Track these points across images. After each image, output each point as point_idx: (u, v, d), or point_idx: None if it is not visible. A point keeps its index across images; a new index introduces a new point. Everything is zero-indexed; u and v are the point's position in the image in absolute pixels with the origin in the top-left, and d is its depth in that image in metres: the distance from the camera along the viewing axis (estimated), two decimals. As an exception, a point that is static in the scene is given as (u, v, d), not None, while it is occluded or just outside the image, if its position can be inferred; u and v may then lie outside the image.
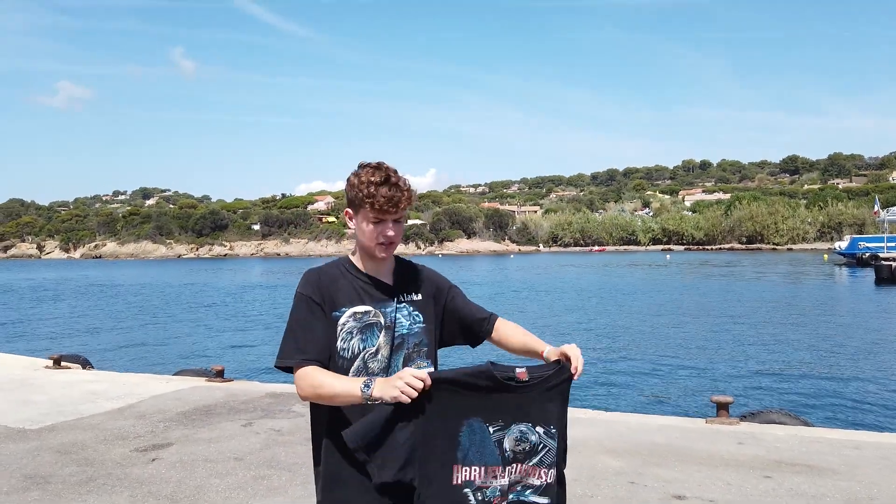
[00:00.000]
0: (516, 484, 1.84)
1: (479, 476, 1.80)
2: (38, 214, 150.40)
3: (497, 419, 1.82)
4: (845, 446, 5.19)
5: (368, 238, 2.00)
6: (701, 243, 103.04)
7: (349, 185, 2.02)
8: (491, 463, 1.81)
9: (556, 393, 1.90)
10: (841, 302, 27.87)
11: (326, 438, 1.97)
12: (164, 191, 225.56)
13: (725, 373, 13.61)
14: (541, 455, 1.86)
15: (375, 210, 1.95)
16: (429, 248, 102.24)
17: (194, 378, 8.44)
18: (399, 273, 2.12)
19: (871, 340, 17.39)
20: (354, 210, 2.03)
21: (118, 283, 49.02)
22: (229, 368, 8.91)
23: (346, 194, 2.06)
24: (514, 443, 1.83)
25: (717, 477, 4.56)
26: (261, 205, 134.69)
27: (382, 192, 1.94)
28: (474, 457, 1.80)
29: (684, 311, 25.01)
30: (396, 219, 2.01)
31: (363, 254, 2.07)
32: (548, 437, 1.87)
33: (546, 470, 1.87)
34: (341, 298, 1.99)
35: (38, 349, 15.72)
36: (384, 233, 1.99)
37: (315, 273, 2.04)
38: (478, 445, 1.81)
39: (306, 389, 1.89)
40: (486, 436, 1.81)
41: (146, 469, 4.91)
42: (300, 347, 1.93)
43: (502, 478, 1.82)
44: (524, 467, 1.85)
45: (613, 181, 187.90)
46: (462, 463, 1.80)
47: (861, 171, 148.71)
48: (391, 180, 1.96)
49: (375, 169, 1.99)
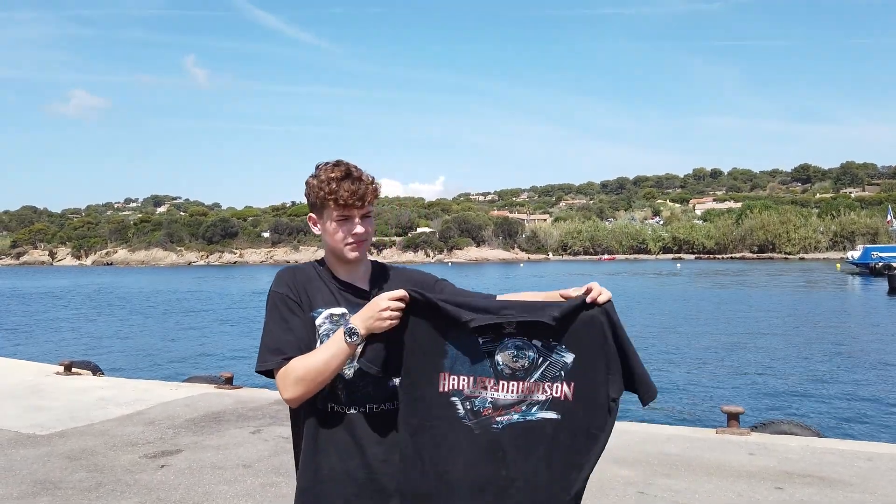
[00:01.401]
0: (521, 403, 1.73)
1: (468, 385, 1.74)
2: (50, 221, 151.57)
3: (487, 332, 1.73)
4: (858, 458, 5.14)
5: (336, 239, 1.89)
6: (712, 252, 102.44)
7: (308, 187, 1.91)
8: (480, 374, 1.74)
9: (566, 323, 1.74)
10: (853, 312, 27.63)
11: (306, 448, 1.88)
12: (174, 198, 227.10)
13: (736, 383, 13.50)
14: (542, 369, 1.73)
15: (340, 206, 1.85)
16: (438, 257, 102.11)
17: (204, 385, 8.46)
18: (375, 277, 2.00)
19: (884, 351, 17.21)
20: (318, 212, 1.92)
21: (129, 290, 49.28)
22: (238, 375, 8.93)
23: (306, 198, 1.94)
24: (510, 358, 1.73)
25: (727, 488, 4.51)
26: (271, 212, 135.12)
27: (345, 187, 1.84)
28: (462, 367, 1.75)
29: (694, 320, 24.87)
30: (364, 214, 1.89)
31: (334, 259, 1.96)
32: (548, 351, 1.73)
33: (550, 384, 1.73)
34: (318, 299, 1.89)
35: (49, 355, 15.80)
36: (352, 231, 1.88)
37: (290, 271, 1.95)
38: (466, 354, 1.75)
39: (291, 387, 1.77)
40: (474, 345, 1.74)
41: (155, 475, 4.92)
42: (279, 348, 1.82)
43: (494, 390, 1.73)
44: (525, 384, 1.73)
45: (624, 189, 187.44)
46: (450, 371, 1.75)
47: (874, 180, 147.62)
48: (353, 174, 1.87)
49: (334, 166, 1.89)
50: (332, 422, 1.86)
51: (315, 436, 1.86)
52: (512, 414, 1.73)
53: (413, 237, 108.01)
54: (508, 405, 1.73)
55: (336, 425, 1.86)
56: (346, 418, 1.86)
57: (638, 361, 1.78)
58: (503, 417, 1.73)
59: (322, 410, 1.86)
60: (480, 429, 1.73)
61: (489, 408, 1.73)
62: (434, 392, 1.76)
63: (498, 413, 1.73)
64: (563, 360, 1.74)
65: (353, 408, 1.86)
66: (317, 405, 1.86)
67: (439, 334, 1.77)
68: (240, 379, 8.81)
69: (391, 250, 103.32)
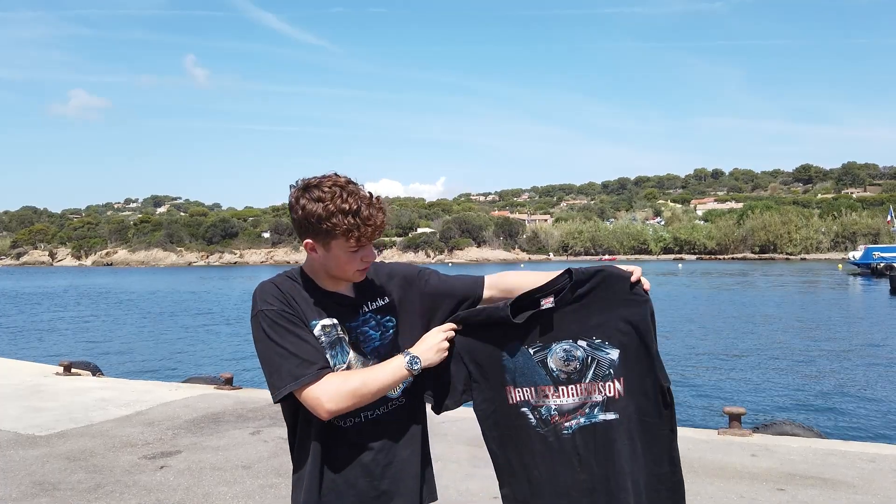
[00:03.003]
0: (583, 406, 1.78)
1: (532, 396, 1.81)
2: (50, 222, 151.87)
3: (535, 340, 1.81)
4: (860, 459, 5.11)
5: (345, 269, 1.79)
6: (713, 253, 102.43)
7: (306, 213, 1.71)
8: (540, 383, 1.80)
9: (598, 301, 1.79)
10: (855, 312, 27.59)
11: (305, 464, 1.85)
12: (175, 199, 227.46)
13: (738, 383, 13.47)
14: (593, 369, 1.77)
15: (360, 241, 1.73)
16: (438, 257, 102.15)
17: (203, 385, 8.44)
18: (360, 283, 1.89)
19: (886, 352, 17.18)
20: (322, 241, 1.75)
21: (129, 291, 49.29)
22: (238, 376, 8.92)
23: (301, 223, 1.74)
24: (561, 363, 1.79)
25: (729, 489, 4.49)
26: (271, 213, 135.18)
27: (365, 221, 1.70)
28: (521, 378, 1.82)
29: (696, 320, 24.84)
30: None
31: (324, 275, 1.85)
32: (594, 350, 1.77)
33: (602, 383, 1.77)
34: (308, 312, 1.79)
35: (49, 356, 15.80)
36: (365, 258, 1.80)
37: (271, 286, 1.81)
38: (522, 367, 1.82)
39: (342, 399, 1.69)
40: (527, 357, 1.82)
41: (154, 476, 4.90)
42: (307, 360, 1.71)
43: (556, 397, 1.79)
44: (583, 386, 1.78)
45: (625, 190, 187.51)
46: (513, 384, 1.83)
47: (875, 181, 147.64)
48: (364, 202, 1.72)
49: (340, 189, 1.70)
50: (331, 433, 1.83)
51: (314, 449, 1.82)
52: (578, 418, 1.79)
53: (413, 237, 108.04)
54: (573, 409, 1.79)
55: (334, 436, 1.83)
56: (344, 428, 1.84)
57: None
58: (570, 422, 1.80)
59: (318, 423, 1.80)
60: (553, 436, 1.80)
61: (555, 415, 1.80)
62: (505, 405, 1.85)
63: (565, 419, 1.80)
64: (609, 357, 1.78)
65: (350, 418, 1.83)
66: (312, 419, 1.80)
67: (495, 350, 1.85)
68: (239, 380, 8.79)
69: (392, 251, 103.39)
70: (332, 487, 1.82)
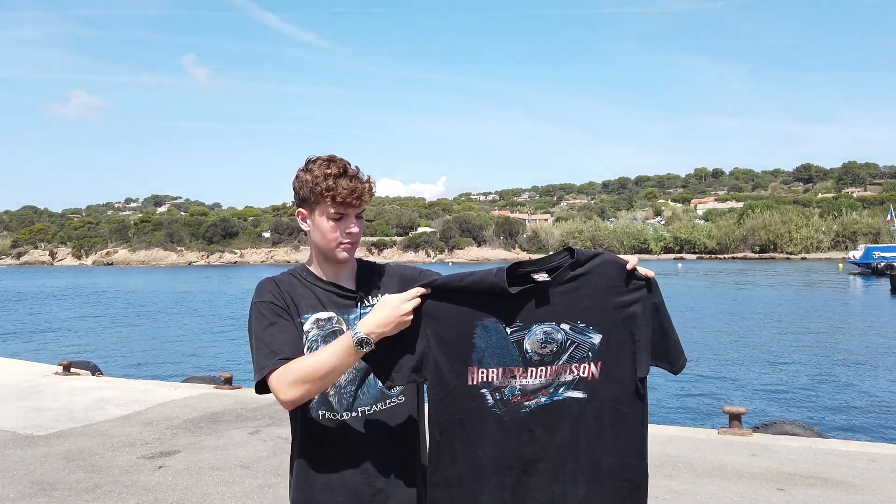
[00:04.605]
0: (549, 386, 1.72)
1: (497, 377, 1.71)
2: (50, 221, 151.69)
3: (515, 319, 1.70)
4: (860, 458, 5.10)
5: (328, 238, 1.83)
6: (713, 252, 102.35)
7: (300, 181, 1.84)
8: (509, 363, 1.71)
9: (591, 285, 1.72)
10: (855, 312, 27.59)
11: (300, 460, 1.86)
12: (175, 198, 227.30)
13: (738, 383, 13.47)
14: (570, 351, 1.71)
15: (337, 204, 1.79)
16: (439, 256, 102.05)
17: (202, 385, 8.44)
18: (362, 276, 1.94)
19: (886, 351, 17.17)
20: (309, 209, 1.85)
21: (129, 290, 49.28)
22: (237, 376, 8.90)
23: (296, 192, 1.87)
24: (538, 345, 1.70)
25: (729, 489, 4.48)
26: (271, 212, 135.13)
27: (343, 184, 1.78)
28: (490, 359, 1.71)
29: (696, 320, 24.83)
30: (358, 214, 1.85)
31: (321, 259, 1.90)
32: (576, 333, 1.71)
33: (577, 364, 1.71)
34: (303, 305, 1.84)
35: (48, 355, 15.80)
36: (346, 229, 1.83)
37: (270, 281, 1.88)
38: (494, 347, 1.71)
39: (288, 388, 1.66)
40: (502, 336, 1.71)
41: (153, 476, 4.89)
42: (273, 350, 1.72)
43: (523, 378, 1.70)
44: (554, 368, 1.71)
45: (625, 189, 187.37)
46: (478, 365, 1.72)
47: (876, 180, 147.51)
48: (349, 172, 1.81)
49: (329, 161, 1.82)
50: (326, 430, 1.83)
51: (309, 446, 1.83)
52: (540, 397, 1.72)
53: (414, 237, 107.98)
54: (537, 389, 1.72)
55: (330, 433, 1.83)
56: (340, 425, 1.83)
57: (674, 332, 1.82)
58: (531, 402, 1.72)
59: (313, 420, 1.82)
60: (509, 415, 1.72)
61: (518, 395, 1.72)
62: (463, 386, 1.73)
63: (526, 398, 1.72)
64: (590, 342, 1.72)
65: (346, 413, 1.83)
66: (309, 414, 1.83)
67: (467, 325, 1.72)
68: (239, 379, 8.78)
69: (392, 250, 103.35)
70: (327, 484, 1.82)
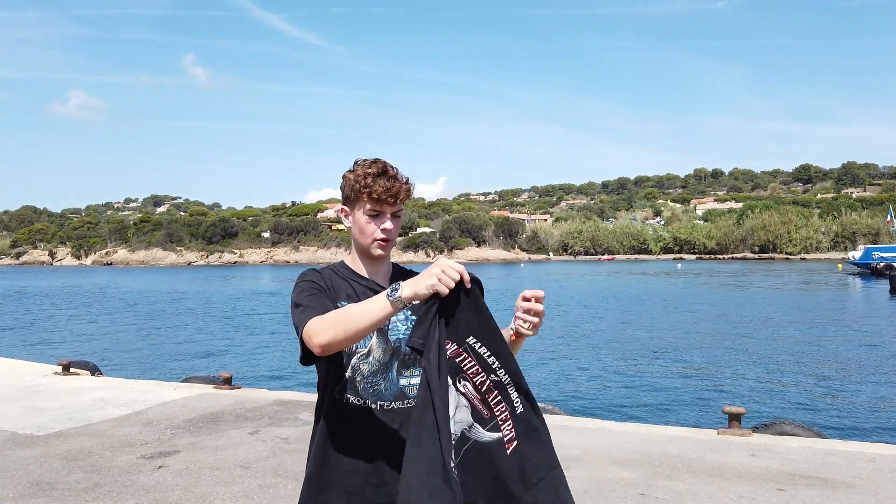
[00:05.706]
0: None
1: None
2: (50, 221, 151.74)
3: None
4: (860, 459, 5.11)
5: (365, 233, 1.96)
6: (713, 252, 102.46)
7: (344, 180, 1.99)
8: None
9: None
10: (855, 312, 27.59)
11: (319, 437, 1.94)
12: (174, 198, 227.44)
13: (737, 383, 13.47)
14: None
15: (373, 201, 1.92)
16: (438, 257, 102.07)
17: (202, 385, 8.43)
18: (396, 278, 2.04)
19: (886, 351, 17.18)
20: (350, 206, 1.99)
21: (128, 290, 49.27)
22: (237, 376, 8.91)
23: (341, 190, 2.02)
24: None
25: (728, 489, 4.48)
26: (271, 212, 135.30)
27: (380, 183, 1.91)
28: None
29: (695, 320, 24.84)
30: (395, 212, 1.97)
31: (360, 255, 2.03)
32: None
33: None
34: (341, 294, 1.95)
35: (48, 355, 15.78)
36: (382, 226, 1.95)
37: (312, 271, 2.00)
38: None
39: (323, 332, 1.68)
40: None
41: (152, 476, 4.89)
42: (311, 308, 1.80)
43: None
44: None
45: (624, 190, 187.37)
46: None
47: (875, 181, 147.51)
48: (388, 172, 1.94)
49: (372, 162, 1.96)
50: (348, 413, 1.91)
51: (330, 426, 1.91)
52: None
53: (413, 237, 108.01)
54: None
55: (351, 417, 1.90)
56: (361, 411, 1.90)
57: None
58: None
59: (339, 400, 1.90)
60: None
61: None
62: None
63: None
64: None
65: (368, 401, 1.91)
66: (335, 395, 1.91)
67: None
68: (238, 379, 8.78)
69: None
70: (339, 465, 1.89)
